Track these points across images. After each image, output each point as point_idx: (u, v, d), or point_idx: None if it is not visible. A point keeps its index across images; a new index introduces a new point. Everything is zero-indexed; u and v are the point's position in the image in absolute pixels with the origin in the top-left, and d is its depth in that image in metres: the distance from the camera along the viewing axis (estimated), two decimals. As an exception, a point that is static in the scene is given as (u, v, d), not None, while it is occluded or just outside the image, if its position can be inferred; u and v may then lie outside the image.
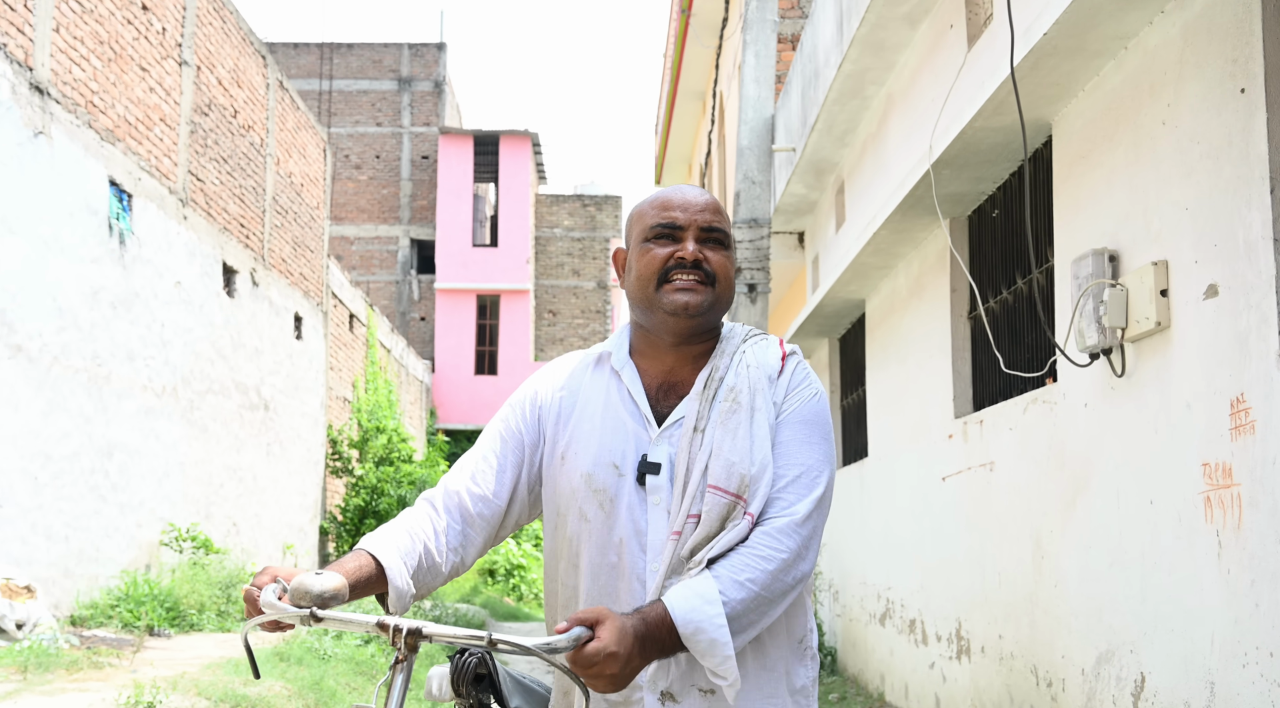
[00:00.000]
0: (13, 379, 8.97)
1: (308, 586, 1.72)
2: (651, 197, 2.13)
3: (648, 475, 1.99)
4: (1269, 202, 3.45)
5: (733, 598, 1.85)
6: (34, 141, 9.28)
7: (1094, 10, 4.14)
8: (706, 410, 2.01)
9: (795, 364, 2.09)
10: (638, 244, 2.09)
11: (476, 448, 2.15)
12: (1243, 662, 3.59)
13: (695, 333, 2.06)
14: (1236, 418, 3.62)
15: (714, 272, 2.04)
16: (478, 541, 2.08)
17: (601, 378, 2.12)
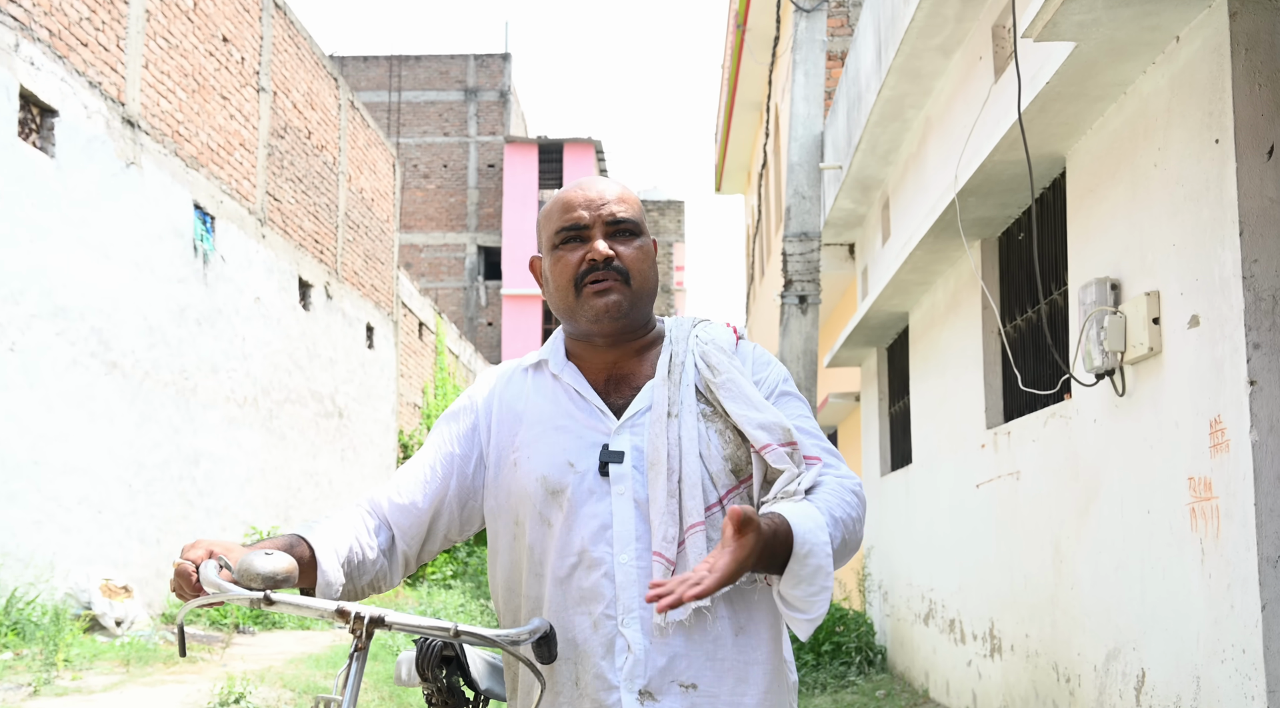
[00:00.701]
0: (109, 394, 9.64)
1: (256, 567, 1.59)
2: (555, 198, 2.01)
3: (611, 465, 1.87)
4: (1238, 243, 3.82)
5: (835, 534, 1.79)
6: (126, 172, 9.96)
7: (1091, 61, 4.53)
8: (677, 395, 1.91)
9: (751, 346, 2.04)
10: (549, 252, 1.99)
11: (412, 458, 2.06)
12: (1221, 658, 3.96)
13: (625, 332, 1.97)
14: (1215, 437, 3.99)
15: (627, 267, 1.93)
16: (399, 552, 1.96)
17: (543, 383, 2.01)
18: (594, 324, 1.92)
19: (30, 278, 8.46)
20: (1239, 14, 3.90)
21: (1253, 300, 3.80)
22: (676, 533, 1.83)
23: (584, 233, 1.94)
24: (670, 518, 1.83)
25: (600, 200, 1.96)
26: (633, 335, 1.98)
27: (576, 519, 1.87)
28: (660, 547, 1.82)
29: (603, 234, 1.93)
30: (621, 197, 1.98)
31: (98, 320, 9.45)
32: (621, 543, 1.85)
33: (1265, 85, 3.88)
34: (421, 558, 2.00)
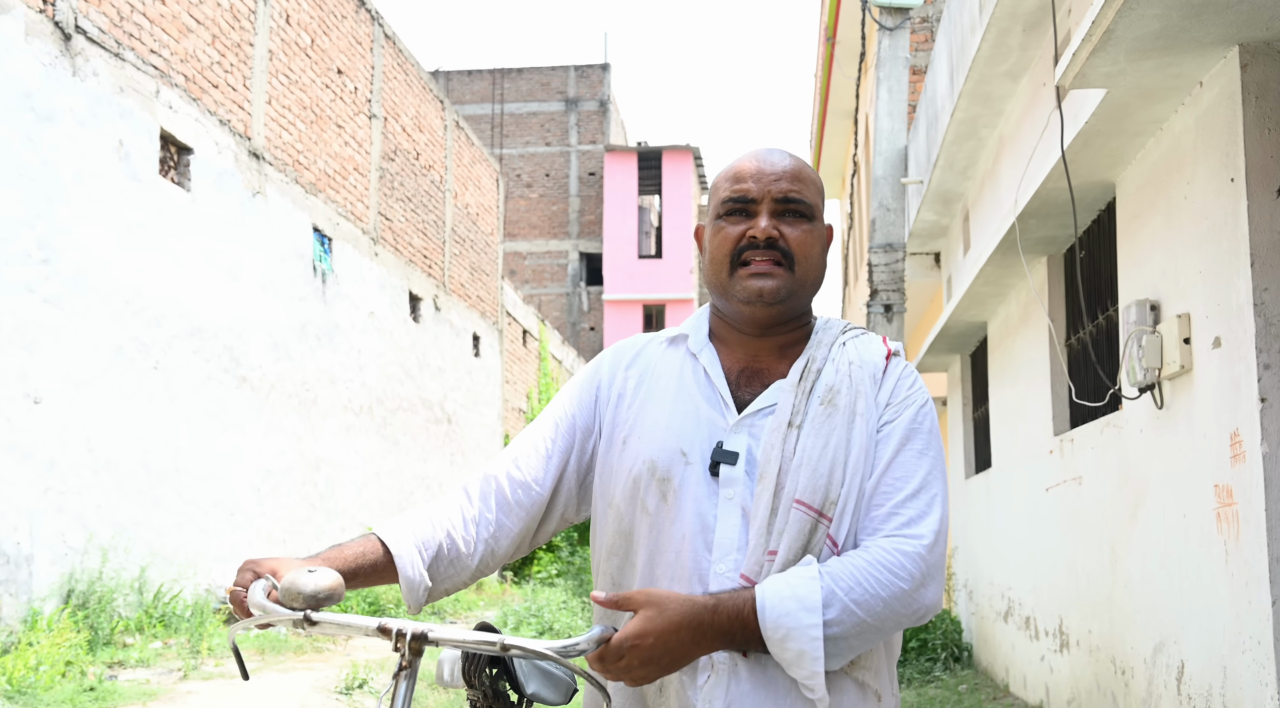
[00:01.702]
0: (240, 406, 10.48)
1: (299, 585, 1.54)
2: (729, 165, 1.87)
3: (722, 465, 1.73)
4: (1250, 273, 4.22)
5: (834, 617, 1.59)
6: (252, 201, 10.80)
7: (1124, 103, 4.94)
8: (803, 405, 1.74)
9: (901, 366, 1.82)
10: (711, 221, 1.85)
11: (526, 432, 1.91)
12: (1242, 649, 4.36)
13: (778, 321, 1.82)
14: (1235, 448, 4.39)
15: (791, 250, 1.78)
16: (513, 531, 1.84)
17: (675, 359, 1.87)
18: (745, 305, 1.78)
19: (170, 302, 9.31)
20: (1249, 65, 4.30)
21: (1263, 325, 4.19)
22: (764, 557, 1.68)
23: (750, 207, 1.80)
24: (766, 538, 1.68)
25: (773, 174, 1.81)
26: (784, 327, 1.83)
27: (678, 513, 1.73)
28: (750, 569, 1.67)
29: (770, 211, 1.79)
30: (797, 173, 1.82)
31: (229, 339, 10.29)
32: (722, 550, 1.70)
33: (1274, 130, 4.27)
34: (537, 540, 1.88)
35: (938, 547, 1.67)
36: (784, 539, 1.67)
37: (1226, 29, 4.18)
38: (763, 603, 1.58)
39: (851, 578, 1.62)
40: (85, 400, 8.13)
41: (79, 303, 8.08)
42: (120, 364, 8.58)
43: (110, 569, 8.20)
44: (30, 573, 7.50)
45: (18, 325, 7.43)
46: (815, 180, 1.85)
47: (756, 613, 1.58)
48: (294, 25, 11.79)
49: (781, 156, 1.84)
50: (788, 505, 1.68)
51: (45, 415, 7.70)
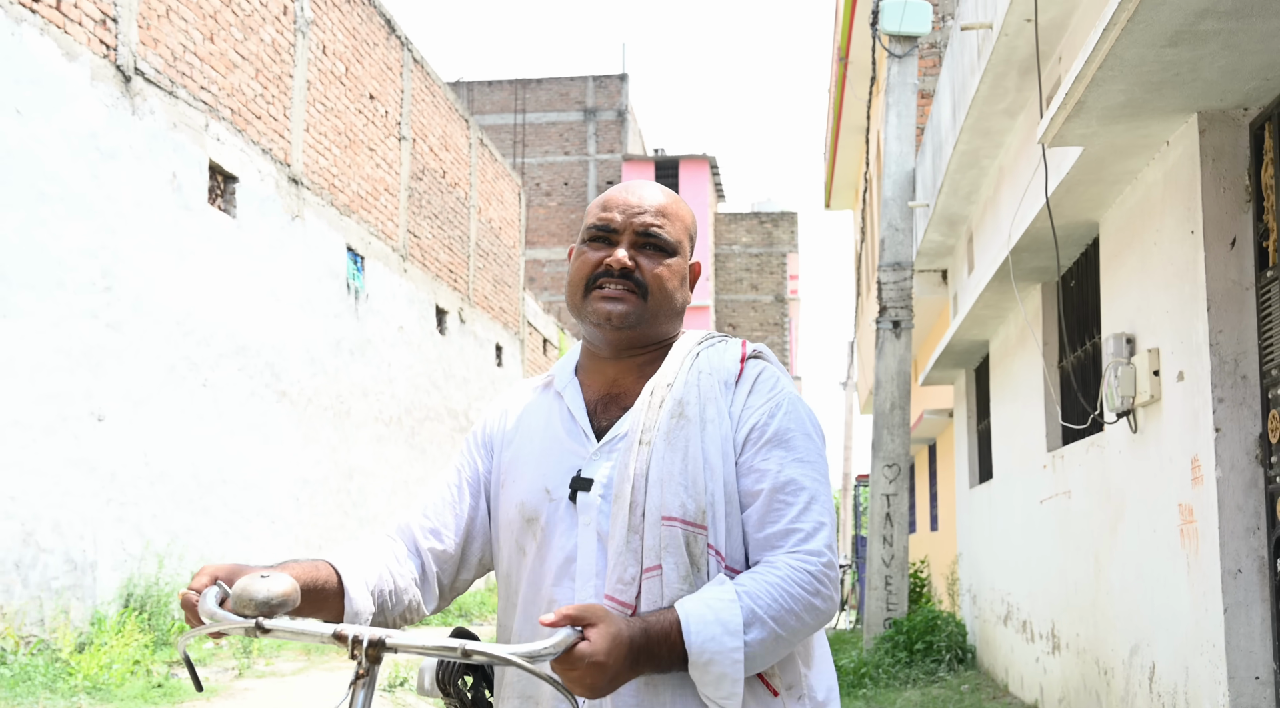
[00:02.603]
0: (279, 419, 11.06)
1: (251, 591, 1.47)
2: (602, 194, 1.89)
3: (579, 493, 1.74)
4: (1206, 317, 4.74)
5: (754, 637, 1.61)
6: (291, 224, 11.39)
7: (1100, 158, 5.47)
8: (653, 421, 1.74)
9: (758, 369, 1.81)
10: (577, 245, 1.86)
11: (432, 483, 1.93)
12: (1200, 651, 4.88)
13: (631, 345, 1.82)
14: (1195, 472, 4.91)
15: (646, 281, 1.79)
16: (433, 579, 1.82)
17: (546, 400, 1.89)
18: (596, 327, 1.80)
19: (218, 323, 9.89)
20: (1207, 130, 4.82)
21: (1218, 363, 4.71)
22: (636, 574, 1.67)
23: (612, 236, 1.81)
24: (630, 557, 1.67)
25: (638, 207, 1.82)
26: (641, 350, 1.84)
27: (548, 550, 1.75)
28: (614, 590, 1.67)
29: (630, 242, 1.80)
30: (663, 209, 1.83)
31: (271, 356, 10.87)
32: (583, 579, 1.71)
33: (1229, 189, 4.79)
34: (456, 587, 1.87)
35: (831, 556, 1.70)
36: (665, 558, 1.66)
37: (1185, 100, 4.70)
38: (687, 626, 1.57)
39: (769, 595, 1.63)
40: (142, 417, 8.72)
41: (137, 326, 8.67)
42: (173, 382, 9.16)
43: (165, 575, 8.79)
44: (95, 579, 8.09)
45: (85, 349, 8.01)
46: (684, 217, 1.86)
47: (682, 635, 1.57)
48: (329, 55, 12.38)
49: (653, 191, 1.85)
50: (654, 522, 1.67)
51: (108, 432, 8.28)
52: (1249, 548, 4.63)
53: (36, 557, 7.52)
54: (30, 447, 7.48)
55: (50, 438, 7.68)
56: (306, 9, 11.71)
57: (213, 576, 1.55)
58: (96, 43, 8.23)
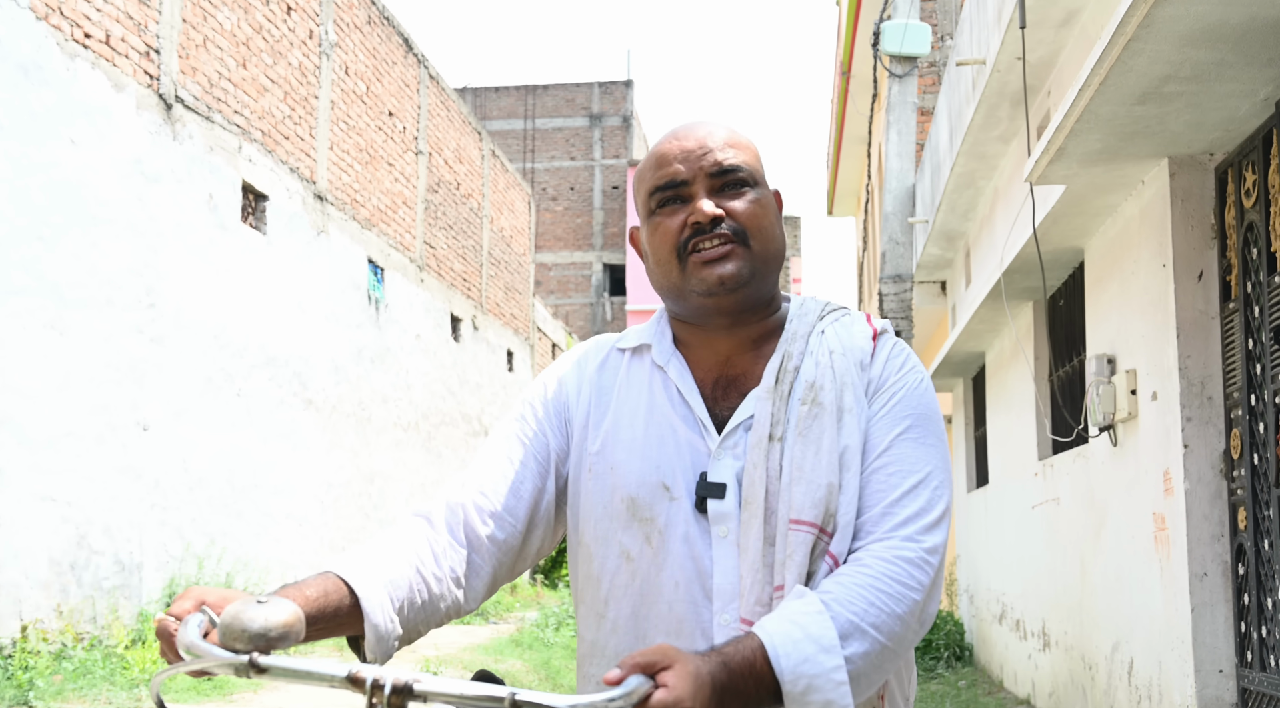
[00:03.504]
0: (306, 426, 11.56)
1: (243, 621, 1.19)
2: (650, 152, 1.63)
3: (709, 500, 1.51)
4: (1176, 343, 5.23)
5: (856, 651, 1.36)
6: (317, 239, 11.88)
7: (1082, 194, 5.95)
8: (783, 412, 1.52)
9: (890, 345, 1.60)
10: (645, 220, 1.60)
11: (485, 455, 1.62)
12: (1171, 647, 5.37)
13: (744, 308, 1.57)
14: (1166, 484, 5.40)
15: (743, 225, 1.54)
16: (486, 572, 1.56)
17: (642, 373, 1.62)
18: (707, 299, 1.53)
19: (250, 335, 10.39)
20: (1177, 174, 5.30)
21: (1186, 385, 5.19)
22: (770, 593, 1.46)
23: (684, 191, 1.55)
24: (765, 573, 1.46)
25: (701, 148, 1.56)
26: (752, 315, 1.58)
27: (666, 557, 1.50)
28: (750, 612, 1.45)
29: (707, 189, 1.54)
30: (729, 140, 1.58)
31: (299, 366, 11.37)
32: (723, 599, 1.47)
33: (1196, 227, 5.27)
34: (509, 578, 1.61)
35: (940, 549, 1.46)
36: (789, 569, 1.43)
37: (1155, 147, 5.18)
38: (774, 650, 1.31)
39: (862, 599, 1.38)
40: (182, 426, 9.21)
41: (178, 340, 9.16)
42: (210, 393, 9.66)
43: (205, 575, 9.28)
44: (141, 579, 8.59)
45: (130, 363, 8.51)
46: (749, 144, 1.62)
47: (769, 662, 1.31)
48: (352, 76, 12.88)
49: (706, 126, 1.61)
50: (785, 530, 1.45)
51: (152, 441, 8.78)
52: (1214, 554, 5.11)
53: (89, 559, 8.01)
54: (83, 455, 7.98)
55: (101, 447, 8.17)
56: (330, 32, 12.21)
57: (198, 600, 1.29)
58: (141, 73, 8.72)
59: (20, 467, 7.35)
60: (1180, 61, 4.24)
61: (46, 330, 7.60)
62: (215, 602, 1.30)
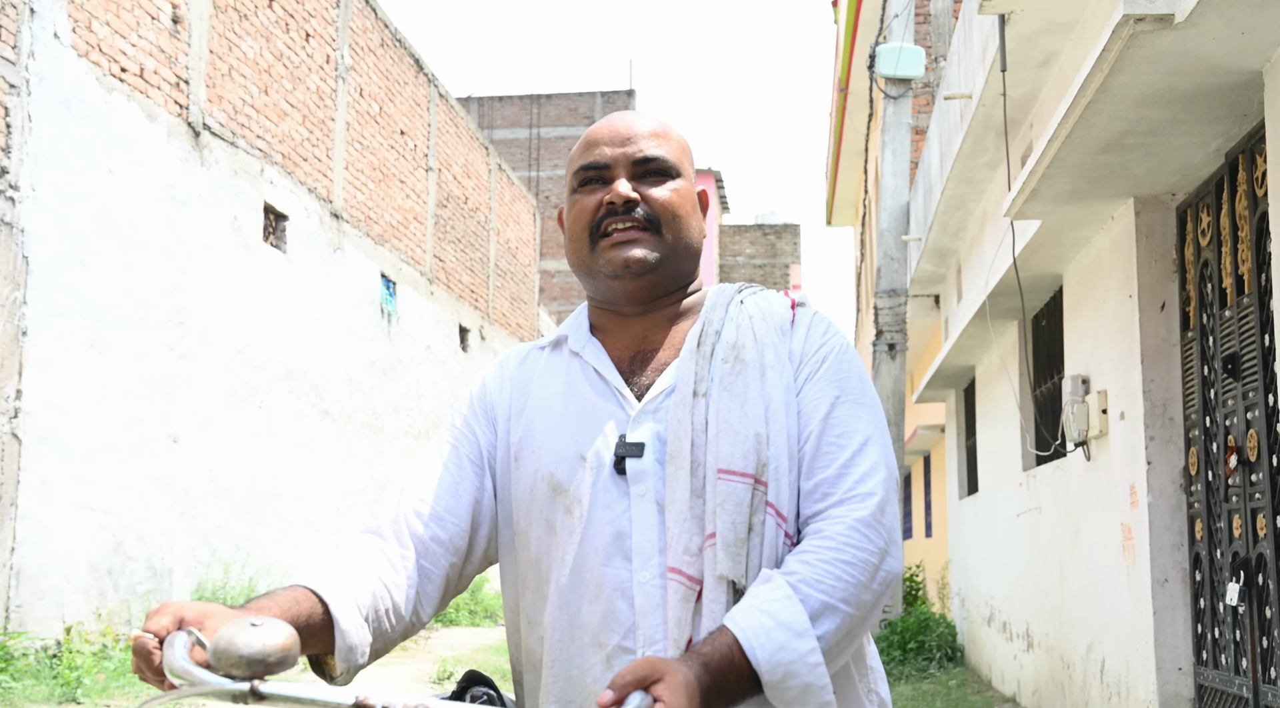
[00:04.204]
0: (323, 436, 12.03)
1: (239, 646, 1.12)
2: (582, 136, 1.67)
3: (628, 460, 1.51)
4: (1140, 368, 5.69)
5: (827, 628, 1.38)
6: (333, 256, 12.35)
7: (1057, 228, 6.41)
8: (706, 371, 1.53)
9: (810, 314, 1.63)
10: (568, 197, 1.64)
11: (419, 465, 1.64)
12: (1137, 648, 5.83)
13: (656, 293, 1.61)
14: (1132, 497, 5.86)
15: (656, 213, 1.58)
16: (439, 576, 1.55)
17: (559, 362, 1.66)
18: (613, 280, 1.58)
19: (271, 349, 10.85)
20: (1142, 212, 5.77)
21: (1149, 407, 5.66)
22: (700, 543, 1.46)
23: (605, 173, 1.59)
24: (693, 524, 1.47)
25: (627, 135, 1.61)
26: (666, 299, 1.63)
27: (589, 526, 1.52)
28: (679, 561, 1.46)
29: (628, 175, 1.59)
30: (655, 131, 1.63)
31: (316, 378, 11.84)
32: (642, 557, 1.49)
33: (1159, 261, 5.73)
34: (459, 585, 1.61)
35: (890, 506, 1.47)
36: (720, 518, 1.44)
37: (1121, 188, 5.65)
38: (748, 642, 1.33)
39: (828, 575, 1.40)
40: (209, 438, 9.68)
41: (205, 356, 9.63)
42: (234, 405, 10.13)
43: (230, 580, 9.75)
44: (171, 583, 9.05)
45: (162, 378, 8.98)
46: (678, 138, 1.65)
47: (745, 655, 1.33)
48: (366, 97, 13.36)
49: (637, 117, 1.65)
50: (713, 480, 1.46)
51: (181, 452, 9.25)
52: (1174, 561, 5.58)
53: (125, 564, 8.48)
54: (119, 466, 8.44)
55: (135, 458, 8.64)
56: (346, 56, 12.69)
57: (176, 617, 1.23)
58: (171, 103, 9.19)
59: (62, 478, 7.81)
60: (1137, 118, 4.70)
61: (86, 349, 8.07)
62: (194, 618, 1.23)
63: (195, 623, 1.22)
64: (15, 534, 7.31)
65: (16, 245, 7.37)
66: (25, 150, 7.48)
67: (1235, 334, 4.92)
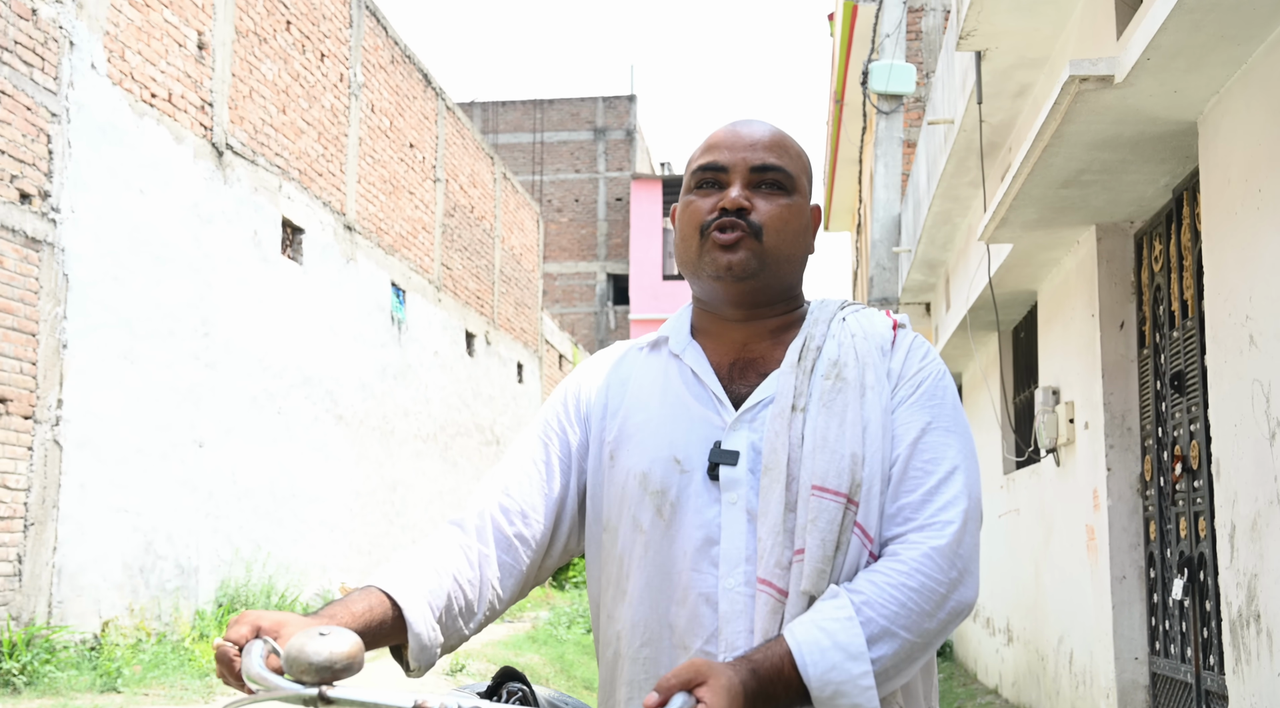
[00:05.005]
0: (337, 440, 12.53)
1: (308, 654, 1.24)
2: (708, 137, 1.70)
3: (721, 467, 1.54)
4: (1101, 382, 6.19)
5: (883, 653, 1.39)
6: (346, 267, 12.86)
7: (1028, 250, 6.91)
8: (805, 386, 1.55)
9: (911, 337, 1.64)
10: (683, 196, 1.68)
11: (509, 459, 1.69)
12: (1099, 639, 6.33)
13: (758, 301, 1.64)
14: (1095, 501, 6.36)
15: (761, 223, 1.60)
16: (517, 570, 1.61)
17: (658, 362, 1.68)
18: (715, 281, 1.61)
19: (288, 358, 11.36)
20: (1103, 238, 6.26)
21: (1109, 418, 6.16)
22: (790, 557, 1.48)
23: (722, 176, 1.63)
24: (785, 537, 1.48)
25: (748, 142, 1.64)
26: (768, 310, 1.66)
27: (678, 529, 1.54)
28: (769, 573, 1.48)
29: (743, 182, 1.62)
30: (775, 141, 1.65)
31: (330, 384, 12.34)
32: (729, 564, 1.51)
33: (1119, 284, 6.23)
34: (539, 577, 1.67)
35: (969, 535, 1.49)
36: (811, 534, 1.47)
37: (1083, 217, 6.15)
38: (801, 658, 1.37)
39: (893, 599, 1.42)
40: (231, 443, 10.19)
41: (228, 365, 10.14)
42: (254, 412, 10.63)
43: (252, 578, 10.25)
44: (197, 581, 9.56)
45: (189, 387, 9.48)
46: (798, 152, 1.68)
47: (797, 669, 1.36)
48: (377, 113, 13.86)
49: (761, 126, 1.68)
50: (806, 496, 1.49)
51: (206, 456, 9.75)
52: (1131, 560, 6.08)
53: (155, 563, 8.98)
54: (150, 470, 8.95)
55: (164, 462, 9.14)
56: (358, 74, 13.20)
57: (254, 626, 1.34)
58: (197, 126, 9.70)
59: (98, 482, 8.32)
60: (1090, 159, 5.20)
61: (120, 360, 8.57)
62: (270, 627, 1.34)
63: (271, 632, 1.33)
64: (57, 534, 7.82)
65: (58, 264, 7.87)
66: (65, 175, 7.98)
67: (1181, 353, 5.42)
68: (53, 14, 7.90)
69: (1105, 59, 4.34)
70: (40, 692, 6.94)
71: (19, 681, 6.96)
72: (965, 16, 6.66)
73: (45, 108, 7.80)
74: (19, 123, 7.54)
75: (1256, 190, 4.06)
